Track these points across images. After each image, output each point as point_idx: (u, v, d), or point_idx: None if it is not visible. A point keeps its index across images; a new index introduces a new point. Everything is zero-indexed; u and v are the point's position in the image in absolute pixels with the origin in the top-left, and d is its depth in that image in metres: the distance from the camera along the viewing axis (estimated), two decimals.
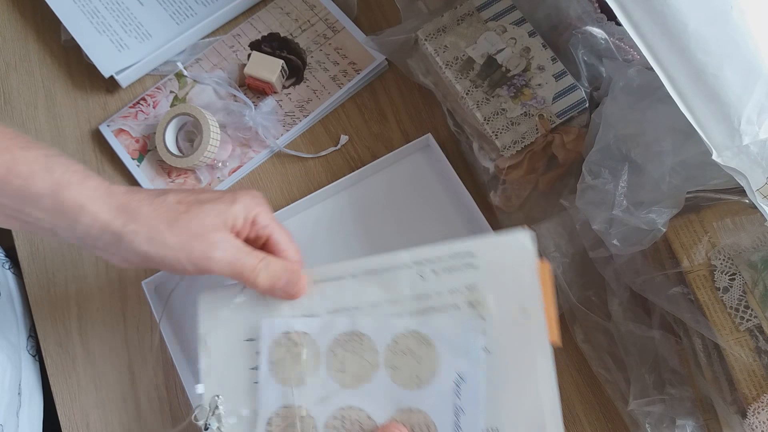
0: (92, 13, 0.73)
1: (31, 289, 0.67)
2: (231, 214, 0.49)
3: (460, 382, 0.49)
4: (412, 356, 0.51)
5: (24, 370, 0.64)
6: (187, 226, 0.47)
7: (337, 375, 0.51)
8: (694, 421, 0.53)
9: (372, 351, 0.51)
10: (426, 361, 0.50)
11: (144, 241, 0.47)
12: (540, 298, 0.49)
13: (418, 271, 0.51)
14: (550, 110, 0.62)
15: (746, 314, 0.51)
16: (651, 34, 0.45)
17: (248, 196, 0.51)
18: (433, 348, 0.50)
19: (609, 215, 0.54)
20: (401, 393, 0.50)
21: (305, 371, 0.52)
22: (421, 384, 0.50)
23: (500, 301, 0.50)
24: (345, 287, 0.53)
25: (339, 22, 0.74)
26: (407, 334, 0.51)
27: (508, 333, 0.49)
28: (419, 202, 0.67)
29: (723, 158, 0.44)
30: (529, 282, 0.49)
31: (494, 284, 0.50)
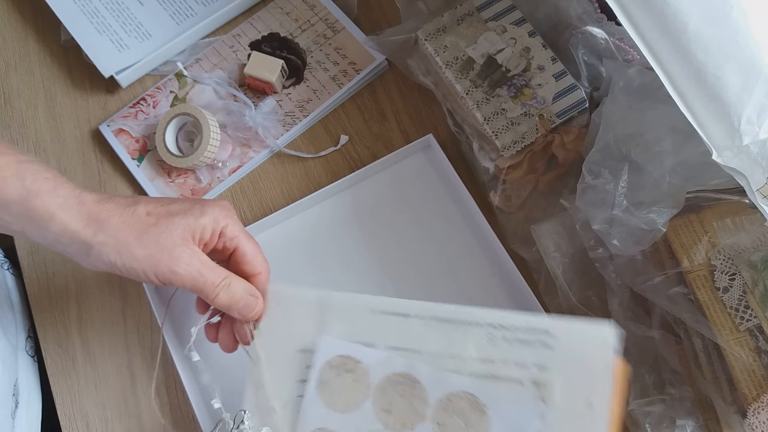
0: (92, 13, 0.73)
1: (31, 288, 0.67)
2: (199, 227, 0.51)
3: None
4: (462, 418, 0.49)
5: (21, 371, 0.63)
6: (155, 239, 0.49)
7: (382, 414, 0.50)
8: (694, 421, 0.53)
9: (422, 401, 0.50)
10: (476, 428, 0.48)
11: (112, 252, 0.48)
12: (609, 397, 0.47)
13: (489, 334, 0.50)
14: (550, 110, 0.62)
15: (746, 314, 0.51)
16: (651, 34, 0.45)
17: (217, 208, 0.52)
18: (486, 416, 0.48)
19: (609, 215, 0.54)
20: None
21: (351, 400, 0.51)
22: None
23: (567, 389, 0.47)
24: (410, 327, 0.51)
25: (339, 22, 0.74)
26: (462, 394, 0.49)
27: (567, 424, 0.47)
28: (420, 203, 0.67)
29: (723, 158, 0.44)
30: (603, 377, 0.47)
31: (565, 370, 0.48)
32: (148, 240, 0.49)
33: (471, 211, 0.65)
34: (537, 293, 0.62)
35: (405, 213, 0.67)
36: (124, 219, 0.49)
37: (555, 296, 0.60)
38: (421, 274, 0.65)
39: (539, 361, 0.48)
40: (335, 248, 0.66)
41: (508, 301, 0.63)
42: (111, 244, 0.48)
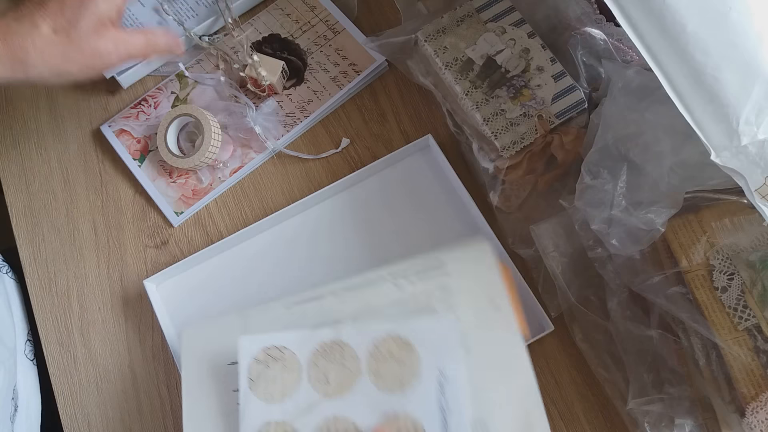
0: None
1: (32, 289, 0.67)
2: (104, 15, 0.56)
3: (444, 380, 0.50)
4: (393, 360, 0.52)
5: (21, 375, 0.64)
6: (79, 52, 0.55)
7: (320, 386, 0.52)
8: (692, 420, 0.53)
9: (353, 358, 0.52)
10: (408, 364, 0.51)
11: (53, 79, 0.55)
12: (506, 294, 0.53)
13: (393, 283, 0.55)
14: (550, 111, 0.62)
15: (744, 314, 0.51)
16: (650, 35, 0.45)
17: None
18: (414, 351, 0.51)
19: (608, 215, 0.54)
20: (386, 398, 0.51)
21: (287, 385, 0.52)
22: (405, 387, 0.51)
23: (471, 299, 0.53)
24: (325, 305, 0.55)
25: (339, 23, 0.74)
26: (387, 338, 0.52)
27: (482, 329, 0.52)
28: (419, 203, 0.67)
29: (721, 159, 0.44)
30: (495, 282, 0.54)
31: (464, 286, 0.54)
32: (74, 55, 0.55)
33: (470, 211, 0.65)
34: (536, 293, 0.62)
35: (405, 213, 0.67)
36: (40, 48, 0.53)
37: (554, 296, 0.60)
38: None
39: (441, 286, 0.54)
40: (335, 248, 0.66)
41: None
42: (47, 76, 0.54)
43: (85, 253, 0.67)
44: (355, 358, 0.52)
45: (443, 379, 0.51)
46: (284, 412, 0.52)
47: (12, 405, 0.60)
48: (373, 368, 0.52)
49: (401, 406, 0.51)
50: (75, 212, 0.69)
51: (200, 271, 0.66)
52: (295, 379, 0.52)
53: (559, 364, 0.62)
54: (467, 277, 0.54)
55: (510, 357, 0.52)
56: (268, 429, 0.51)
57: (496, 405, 0.51)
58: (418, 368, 0.51)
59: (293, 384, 0.52)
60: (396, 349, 0.52)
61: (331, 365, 0.52)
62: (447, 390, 0.50)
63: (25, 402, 0.63)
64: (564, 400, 0.61)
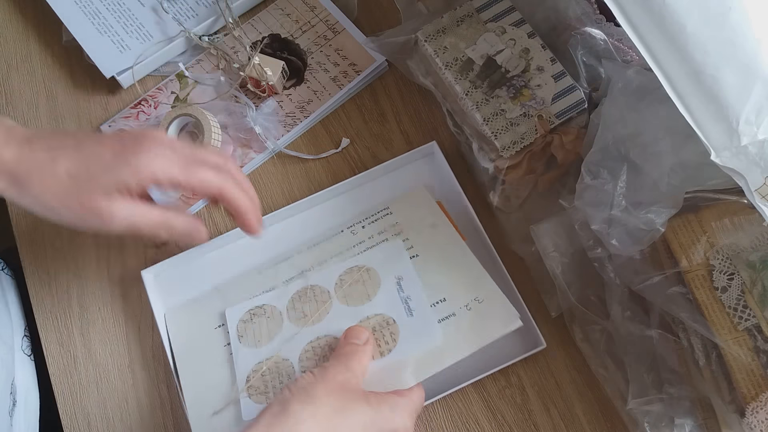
0: (93, 14, 0.74)
1: (32, 289, 0.67)
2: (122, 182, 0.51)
3: (400, 280, 0.62)
4: (358, 283, 0.62)
5: (19, 370, 0.64)
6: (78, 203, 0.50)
7: (300, 321, 0.61)
8: (692, 421, 0.53)
9: (324, 293, 0.62)
10: (370, 281, 0.62)
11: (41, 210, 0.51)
12: (443, 215, 0.65)
13: (350, 231, 0.66)
14: (550, 111, 0.62)
15: (744, 314, 0.51)
16: (649, 35, 0.45)
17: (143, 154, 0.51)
18: (374, 271, 0.63)
19: (608, 215, 0.54)
20: (357, 310, 0.61)
21: (271, 330, 0.62)
22: (371, 297, 0.61)
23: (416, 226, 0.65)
24: (295, 263, 0.65)
25: (339, 23, 0.74)
26: (349, 269, 0.63)
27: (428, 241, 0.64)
28: None
29: (721, 159, 0.44)
30: (433, 210, 0.66)
31: (409, 219, 0.65)
32: (71, 204, 0.50)
33: (470, 217, 0.65)
34: (536, 293, 0.62)
35: None
36: (44, 181, 0.50)
37: (554, 296, 0.60)
38: None
39: (391, 223, 0.65)
40: None
41: None
42: (38, 206, 0.50)
43: (85, 253, 0.67)
44: (325, 292, 0.62)
45: (400, 279, 0.62)
46: (272, 349, 0.61)
47: (10, 400, 0.60)
48: (341, 294, 0.62)
49: (371, 311, 0.61)
50: None
51: (198, 266, 0.66)
52: (277, 323, 0.62)
53: (559, 364, 0.62)
54: (410, 211, 0.66)
55: (456, 254, 0.63)
56: (260, 366, 0.60)
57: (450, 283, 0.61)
58: (379, 280, 0.62)
59: (276, 328, 0.62)
60: (358, 274, 0.63)
61: (306, 304, 0.62)
62: (404, 285, 0.61)
63: (23, 397, 0.63)
64: (564, 400, 0.61)
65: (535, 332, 0.61)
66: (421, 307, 0.60)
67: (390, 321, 0.60)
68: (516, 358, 0.60)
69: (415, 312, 0.60)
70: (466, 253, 0.63)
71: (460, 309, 0.60)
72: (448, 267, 0.62)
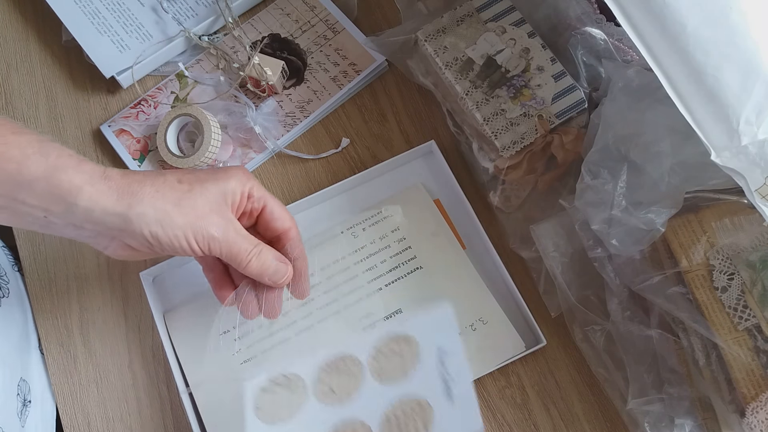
0: (93, 14, 0.74)
1: (32, 289, 0.67)
2: (230, 190, 0.51)
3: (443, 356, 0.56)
4: (394, 355, 0.57)
5: (34, 370, 0.63)
6: (192, 206, 0.48)
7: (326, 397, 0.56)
8: (692, 421, 0.53)
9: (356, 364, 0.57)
10: (408, 353, 0.57)
11: (153, 223, 0.47)
12: (442, 219, 0.65)
13: (351, 233, 0.64)
14: (550, 111, 0.62)
15: (744, 314, 0.51)
16: (650, 34, 0.45)
17: (240, 171, 0.52)
18: (413, 341, 0.57)
19: (608, 215, 0.54)
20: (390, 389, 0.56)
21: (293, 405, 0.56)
22: (408, 373, 0.56)
23: (418, 235, 0.64)
24: None
25: (339, 23, 0.74)
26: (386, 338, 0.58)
27: (431, 252, 0.63)
28: None
29: (722, 159, 0.44)
30: (433, 213, 0.65)
31: (410, 225, 0.64)
32: (186, 207, 0.48)
33: (470, 217, 0.65)
34: (536, 293, 0.62)
35: None
36: (158, 188, 0.47)
37: (554, 296, 0.60)
38: None
39: (392, 228, 0.64)
40: None
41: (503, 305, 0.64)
42: (151, 215, 0.46)
43: (85, 253, 0.67)
44: (358, 363, 0.57)
45: (443, 354, 0.56)
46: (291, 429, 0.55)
47: (18, 400, 0.60)
48: (376, 368, 0.57)
49: (404, 390, 0.55)
50: None
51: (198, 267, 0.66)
52: (302, 399, 0.56)
53: (559, 365, 0.62)
54: (410, 215, 0.65)
55: (459, 269, 0.63)
56: None
57: (455, 304, 0.60)
58: (418, 353, 0.57)
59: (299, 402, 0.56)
60: (396, 346, 0.57)
61: (335, 376, 0.57)
62: (447, 362, 0.56)
63: (39, 397, 0.62)
64: (564, 400, 0.61)
65: (535, 330, 0.61)
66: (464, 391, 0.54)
67: (424, 404, 0.54)
68: (516, 355, 0.60)
69: (455, 396, 0.54)
70: (468, 267, 0.63)
71: (465, 329, 0.61)
72: (452, 283, 0.62)
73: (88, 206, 0.45)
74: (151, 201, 0.47)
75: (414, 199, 0.66)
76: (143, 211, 0.46)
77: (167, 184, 0.48)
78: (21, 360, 0.62)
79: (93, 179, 0.46)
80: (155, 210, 0.47)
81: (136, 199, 0.46)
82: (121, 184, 0.46)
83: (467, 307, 0.62)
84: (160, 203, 0.47)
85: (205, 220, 0.49)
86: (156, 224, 0.47)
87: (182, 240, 0.48)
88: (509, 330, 0.61)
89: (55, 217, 0.46)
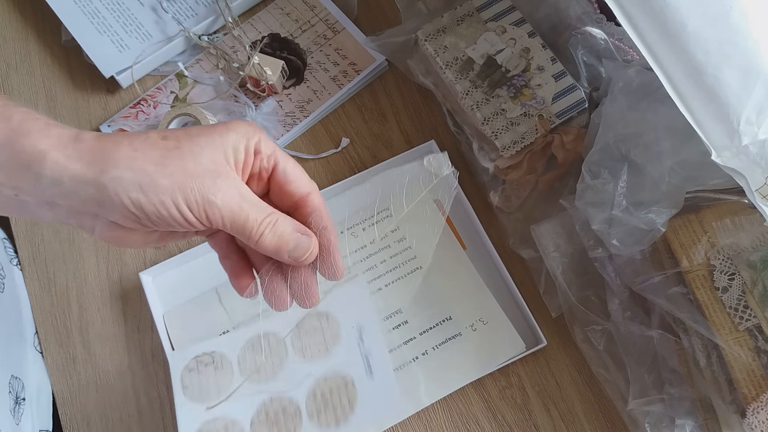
0: (93, 14, 0.73)
1: (31, 289, 0.67)
2: (230, 145, 0.41)
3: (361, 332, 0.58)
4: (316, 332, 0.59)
5: (30, 367, 0.63)
6: (180, 165, 0.39)
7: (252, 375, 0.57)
8: (693, 421, 0.53)
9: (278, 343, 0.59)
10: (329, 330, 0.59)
11: (131, 188, 0.38)
12: (443, 219, 0.62)
13: (351, 233, 0.64)
14: (550, 110, 0.62)
15: (745, 314, 0.51)
16: (650, 34, 0.45)
17: (242, 123, 0.42)
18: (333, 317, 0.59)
19: (608, 215, 0.54)
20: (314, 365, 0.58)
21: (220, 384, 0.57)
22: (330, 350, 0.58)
23: (418, 234, 0.64)
24: None
25: (339, 22, 0.74)
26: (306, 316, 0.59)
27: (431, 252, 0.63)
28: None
29: (722, 158, 0.44)
30: (433, 212, 0.61)
31: (410, 224, 0.64)
32: (172, 166, 0.38)
33: (470, 216, 0.65)
34: (537, 293, 0.62)
35: None
36: (136, 147, 0.38)
37: (555, 296, 0.60)
38: None
39: (392, 227, 0.65)
40: None
41: None
42: (128, 179, 0.37)
43: (84, 253, 0.67)
44: (280, 340, 0.58)
45: (362, 330, 0.58)
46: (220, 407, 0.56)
47: (11, 398, 0.60)
48: (299, 346, 0.58)
49: (329, 367, 0.57)
50: None
51: (197, 267, 0.66)
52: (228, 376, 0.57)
53: (560, 365, 0.62)
54: (409, 214, 0.60)
55: (459, 268, 0.63)
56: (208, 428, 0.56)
57: (455, 304, 0.61)
58: (338, 330, 0.58)
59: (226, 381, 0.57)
60: (316, 322, 0.58)
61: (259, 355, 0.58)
62: (365, 338, 0.58)
63: (35, 394, 0.62)
64: (565, 400, 0.61)
65: (535, 331, 0.61)
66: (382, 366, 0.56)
67: (348, 381, 0.56)
68: (517, 355, 0.60)
69: (375, 372, 0.56)
70: (469, 267, 0.63)
71: (465, 329, 0.61)
72: (452, 282, 0.63)
73: (56, 176, 0.37)
74: (127, 162, 0.38)
75: (413, 198, 0.65)
76: (119, 174, 0.37)
77: (148, 141, 0.39)
78: (11, 357, 0.62)
79: (61, 143, 0.38)
80: (133, 172, 0.38)
81: (110, 162, 0.38)
82: (93, 147, 0.38)
83: (467, 307, 0.62)
84: (140, 163, 0.38)
85: (199, 180, 0.39)
86: (135, 189, 0.38)
87: (170, 207, 0.38)
88: (509, 330, 0.61)
89: (26, 195, 0.39)
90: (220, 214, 0.39)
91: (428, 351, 0.61)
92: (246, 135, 0.41)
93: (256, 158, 0.42)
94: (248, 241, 0.42)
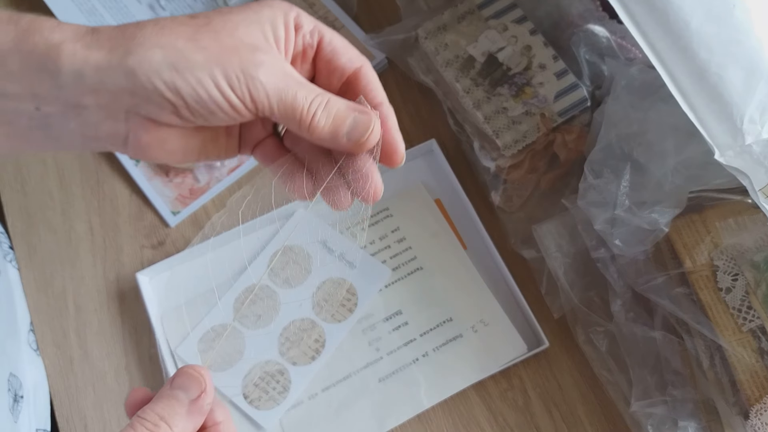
0: (90, 12, 0.73)
1: (28, 290, 0.66)
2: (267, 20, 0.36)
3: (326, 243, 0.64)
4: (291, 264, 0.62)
5: (26, 365, 0.63)
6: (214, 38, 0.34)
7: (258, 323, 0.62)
8: (696, 423, 0.53)
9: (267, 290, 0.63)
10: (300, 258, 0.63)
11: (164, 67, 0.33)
12: (443, 219, 0.65)
13: (351, 233, 0.61)
14: (552, 109, 0.62)
15: (749, 315, 0.51)
16: (653, 32, 0.45)
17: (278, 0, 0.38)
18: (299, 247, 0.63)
19: (611, 215, 0.54)
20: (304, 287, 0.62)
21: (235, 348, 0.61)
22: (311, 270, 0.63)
23: (418, 235, 0.65)
24: None
25: (338, 20, 0.74)
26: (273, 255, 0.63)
27: (432, 253, 0.64)
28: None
29: (725, 158, 0.44)
30: (433, 212, 0.65)
31: (410, 224, 0.65)
32: (206, 40, 0.34)
33: (470, 216, 0.65)
34: (538, 294, 0.62)
35: None
36: (163, 25, 0.35)
37: (557, 297, 0.60)
38: None
39: (392, 228, 0.65)
40: None
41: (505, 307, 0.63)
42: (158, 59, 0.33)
43: (81, 254, 0.67)
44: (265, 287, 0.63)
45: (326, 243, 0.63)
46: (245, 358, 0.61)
47: (10, 396, 0.59)
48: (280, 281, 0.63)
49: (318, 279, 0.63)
50: (71, 212, 0.69)
51: (194, 268, 0.65)
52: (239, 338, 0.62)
53: (562, 367, 0.62)
54: (410, 214, 0.65)
55: (459, 269, 0.63)
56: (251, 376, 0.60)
57: (456, 305, 0.62)
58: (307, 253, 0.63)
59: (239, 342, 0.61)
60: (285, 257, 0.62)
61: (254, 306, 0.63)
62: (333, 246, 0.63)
63: (31, 392, 0.62)
64: (567, 402, 0.61)
65: (537, 332, 0.61)
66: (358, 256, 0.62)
67: (341, 281, 0.62)
68: (518, 357, 0.60)
69: (356, 263, 0.62)
70: (470, 268, 0.63)
71: (466, 330, 0.61)
72: (453, 283, 0.63)
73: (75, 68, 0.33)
74: (155, 40, 0.34)
75: (414, 199, 0.66)
76: (147, 55, 0.33)
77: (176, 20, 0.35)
78: (9, 355, 0.61)
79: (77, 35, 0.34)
80: (163, 50, 0.33)
81: (135, 41, 0.34)
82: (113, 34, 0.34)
83: (468, 308, 0.62)
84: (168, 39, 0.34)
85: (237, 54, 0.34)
86: (168, 69, 0.33)
87: (209, 86, 0.34)
88: (511, 332, 0.60)
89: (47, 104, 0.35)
90: (264, 92, 0.35)
91: (428, 352, 0.60)
92: (282, 9, 0.37)
93: (297, 34, 0.38)
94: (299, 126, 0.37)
